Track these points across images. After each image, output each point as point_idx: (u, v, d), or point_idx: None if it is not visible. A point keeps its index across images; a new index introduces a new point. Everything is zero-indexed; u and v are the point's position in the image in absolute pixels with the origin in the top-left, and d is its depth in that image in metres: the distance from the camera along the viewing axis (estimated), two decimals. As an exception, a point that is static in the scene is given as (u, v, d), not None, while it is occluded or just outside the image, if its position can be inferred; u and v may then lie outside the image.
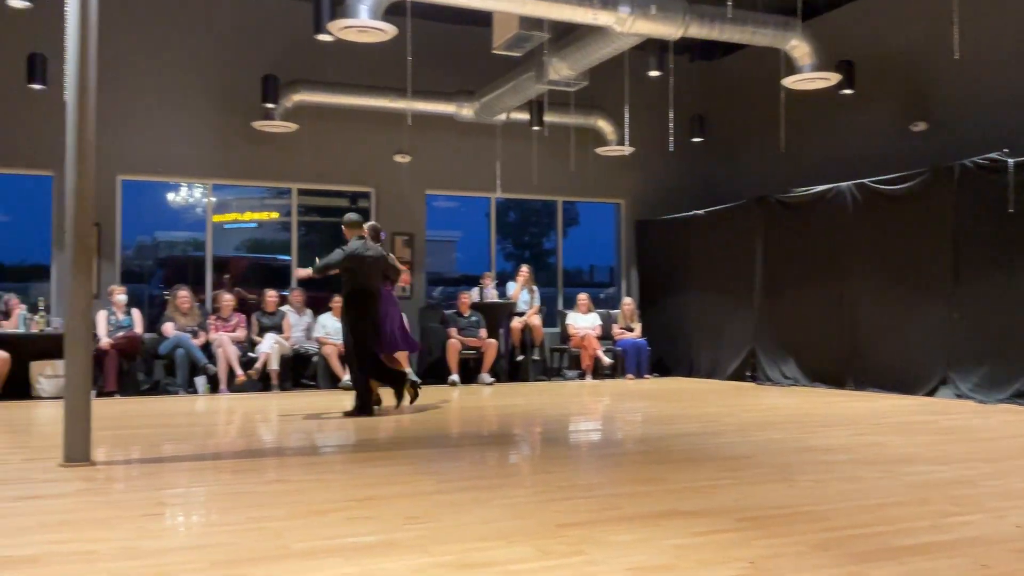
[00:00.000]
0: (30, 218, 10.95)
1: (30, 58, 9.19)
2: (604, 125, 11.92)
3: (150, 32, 10.53)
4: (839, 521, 3.33)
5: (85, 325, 4.83)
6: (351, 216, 7.77)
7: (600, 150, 12.04)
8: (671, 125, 10.78)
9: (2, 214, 11.52)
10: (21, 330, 9.22)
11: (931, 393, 8.39)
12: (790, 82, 9.23)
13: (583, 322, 11.65)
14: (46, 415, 7.47)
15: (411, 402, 7.66)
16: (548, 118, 11.12)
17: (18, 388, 8.90)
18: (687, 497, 3.83)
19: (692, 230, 11.79)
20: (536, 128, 11.05)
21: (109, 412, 7.42)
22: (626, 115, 10.96)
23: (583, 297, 11.84)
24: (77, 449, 4.70)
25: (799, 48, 9.09)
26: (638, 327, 11.86)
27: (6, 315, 9.31)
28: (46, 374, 8.98)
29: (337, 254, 7.43)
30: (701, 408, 7.81)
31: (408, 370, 8.62)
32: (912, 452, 5.11)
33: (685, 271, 11.93)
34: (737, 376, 10.84)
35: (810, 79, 9.18)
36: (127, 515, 3.55)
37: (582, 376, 11.40)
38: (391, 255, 8.32)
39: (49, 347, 8.84)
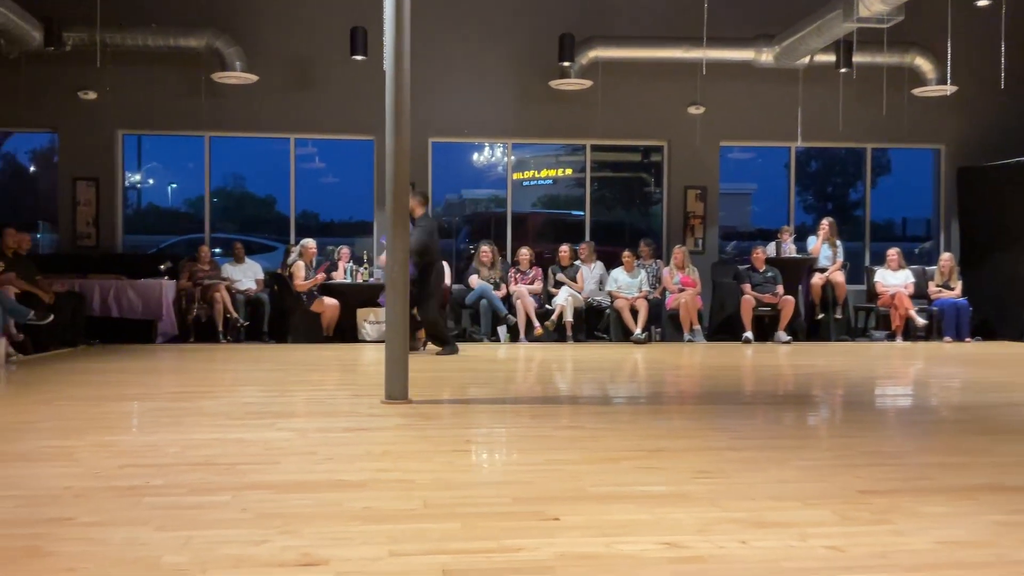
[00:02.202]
0: (355, 179, 12.13)
1: (352, 32, 10.09)
2: (922, 63, 10.88)
3: (456, 3, 11.12)
4: None
5: (403, 276, 5.27)
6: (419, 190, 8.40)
7: (917, 91, 11.02)
8: (1003, 59, 9.58)
9: (331, 176, 12.85)
10: (348, 280, 10.30)
11: None
12: None
13: (893, 279, 10.82)
14: (370, 357, 8.28)
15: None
16: (857, 59, 10.31)
17: (346, 332, 9.99)
18: (1015, 472, 3.45)
19: (1026, 177, 10.46)
20: (843, 70, 10.31)
21: (422, 356, 8.09)
22: (948, 50, 9.90)
23: (894, 252, 10.98)
24: (396, 388, 5.18)
25: None
26: (958, 286, 10.81)
27: (335, 266, 10.43)
28: (370, 320, 9.96)
29: (426, 237, 8.20)
30: (1033, 376, 6.99)
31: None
32: None
33: (1017, 223, 10.63)
34: (1079, 342, 9.54)
35: None
36: (439, 450, 3.86)
37: (891, 337, 10.62)
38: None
39: (372, 296, 9.83)
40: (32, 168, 12.53)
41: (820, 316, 10.84)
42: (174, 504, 2.89)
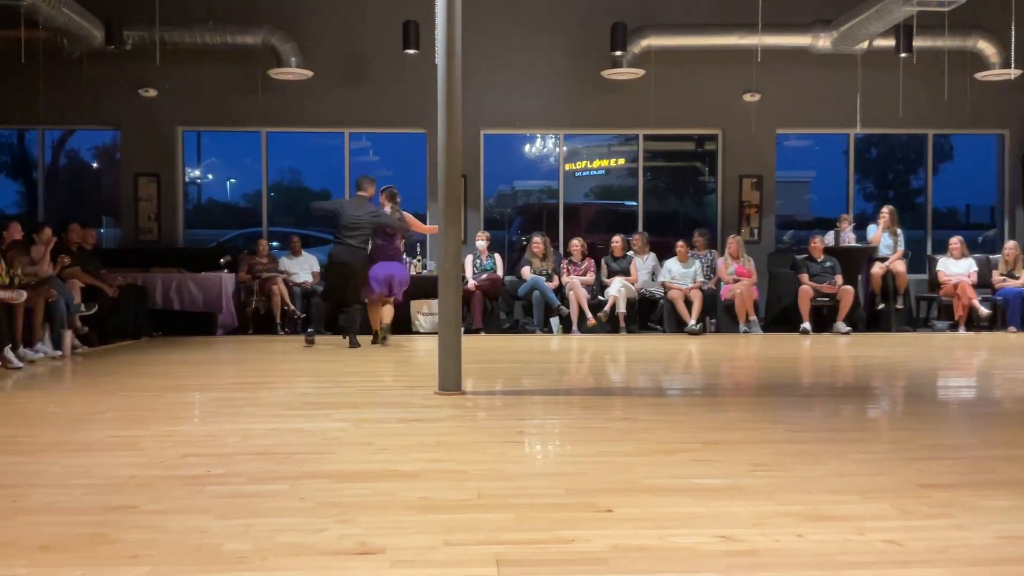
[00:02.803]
0: (408, 172, 12.21)
1: (404, 25, 10.15)
2: (985, 46, 10.56)
3: (507, -7, 11.13)
4: None
5: (455, 269, 5.30)
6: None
7: (980, 75, 10.71)
8: (1072, 40, 9.27)
9: (385, 169, 12.96)
10: (402, 272, 10.38)
11: None
12: None
13: (956, 268, 10.56)
14: (424, 348, 8.36)
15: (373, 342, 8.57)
16: (917, 43, 10.06)
17: (401, 324, 10.07)
18: (1082, 467, 3.36)
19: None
20: (903, 55, 10.06)
21: (475, 347, 8.13)
22: (1012, 33, 9.60)
23: (956, 240, 10.71)
24: (450, 379, 5.22)
25: None
26: (1023, 274, 10.50)
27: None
28: (423, 312, 10.04)
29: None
30: (1103, 368, 6.77)
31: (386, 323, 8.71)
32: None
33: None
34: None
35: None
36: (492, 440, 3.89)
37: (954, 328, 10.37)
38: (389, 214, 8.54)
39: (425, 287, 9.91)
40: (95, 165, 12.87)
41: (880, 306, 10.62)
42: (234, 493, 2.96)
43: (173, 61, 10.41)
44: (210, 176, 12.80)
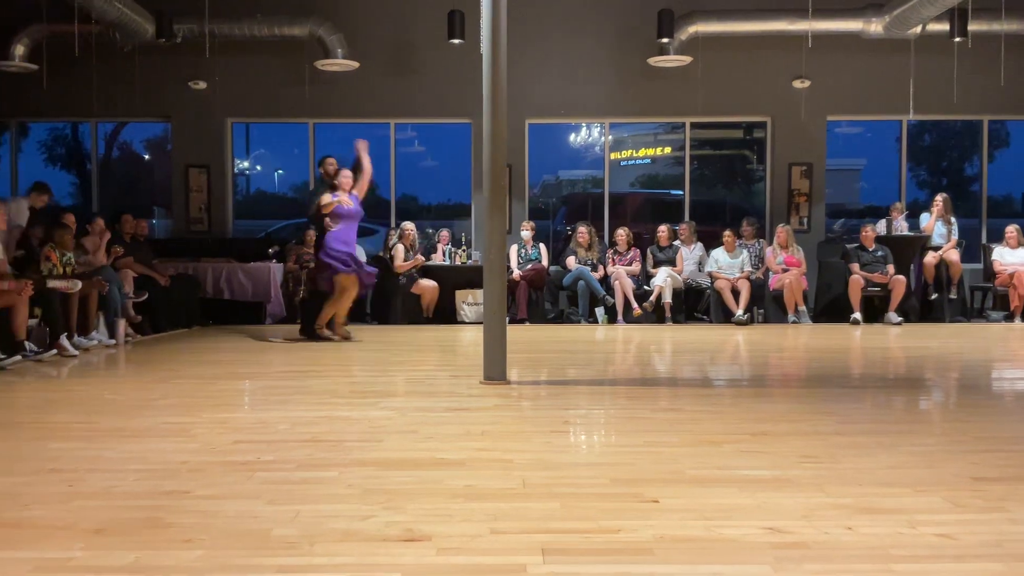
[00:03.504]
0: (453, 162, 12.25)
1: (450, 15, 10.16)
2: (1044, 29, 10.25)
3: (552, -20, 11.08)
4: None
5: (500, 258, 5.31)
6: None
7: (1038, 59, 10.41)
8: None
9: (430, 159, 13.02)
10: (446, 262, 10.43)
11: None
12: None
13: (1012, 257, 10.29)
14: (468, 338, 8.39)
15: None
16: (972, 27, 9.80)
17: (445, 313, 10.13)
18: None
19: None
20: (957, 40, 9.81)
21: (520, 337, 8.14)
22: (1075, 14, 9.32)
23: (1012, 229, 10.44)
24: (495, 369, 5.23)
25: None
26: (1083, 263, 10.21)
27: (435, 249, 10.58)
28: (468, 301, 10.08)
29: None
30: None
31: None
32: None
33: None
34: None
35: None
36: (537, 430, 3.89)
37: (1010, 318, 10.12)
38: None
39: (470, 277, 9.95)
40: (147, 156, 13.12)
41: (933, 296, 10.40)
42: (284, 479, 3.00)
43: (222, 53, 10.56)
44: (258, 167, 12.97)
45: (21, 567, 2.17)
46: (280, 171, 13.16)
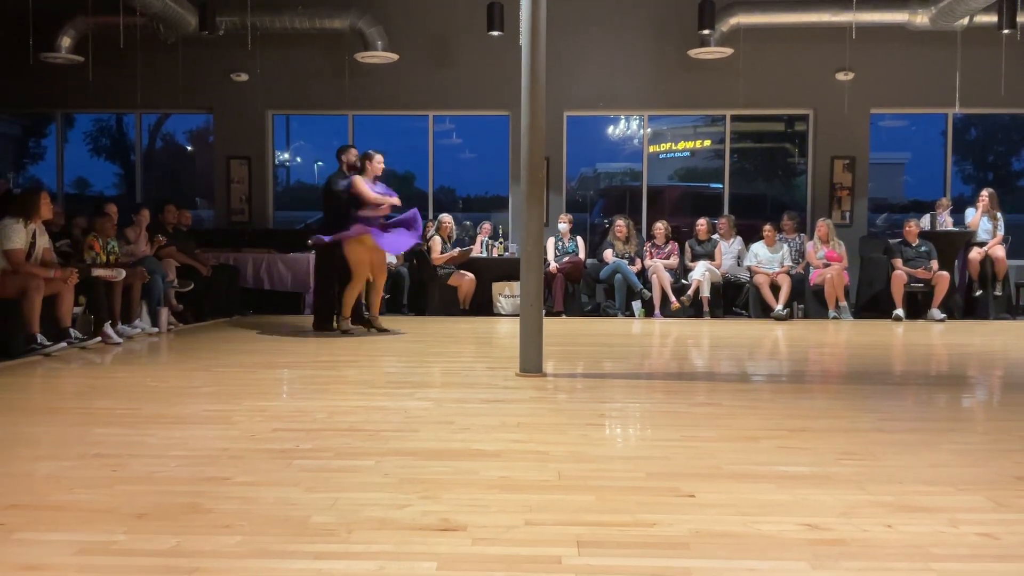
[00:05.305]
0: (491, 154, 12.24)
1: (489, 7, 10.15)
2: (1097, 20, 9.98)
3: (592, -29, 11.02)
4: None
5: (537, 251, 5.31)
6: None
7: (1091, 50, 10.15)
8: None
9: (468, 152, 13.02)
10: (484, 254, 10.45)
11: None
12: None
13: (1060, 254, 10.07)
14: (505, 330, 8.40)
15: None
16: (1022, 19, 9.58)
17: (482, 305, 10.15)
18: None
19: None
20: (1006, 32, 9.60)
21: (557, 330, 8.14)
22: None
23: (1061, 225, 10.22)
24: (531, 361, 5.24)
25: None
26: None
27: (473, 240, 10.60)
28: (505, 294, 10.09)
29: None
30: None
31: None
32: None
33: None
34: None
35: None
36: (573, 423, 3.89)
37: (1057, 316, 9.91)
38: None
39: (508, 270, 9.96)
40: (190, 148, 13.29)
41: (978, 293, 10.21)
42: (322, 467, 3.04)
43: (263, 46, 10.66)
44: (298, 159, 13.08)
45: (65, 549, 2.22)
46: (320, 163, 13.26)
